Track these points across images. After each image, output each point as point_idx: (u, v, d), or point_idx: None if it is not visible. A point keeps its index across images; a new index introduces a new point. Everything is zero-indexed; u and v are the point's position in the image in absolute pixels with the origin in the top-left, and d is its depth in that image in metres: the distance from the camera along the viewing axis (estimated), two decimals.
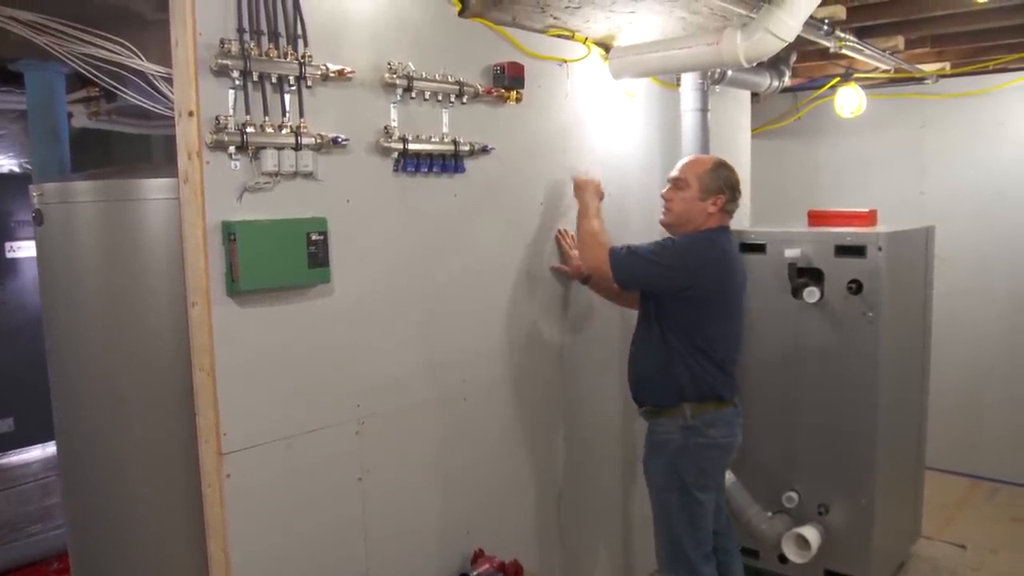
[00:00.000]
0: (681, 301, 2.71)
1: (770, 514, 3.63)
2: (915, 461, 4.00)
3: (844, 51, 3.62)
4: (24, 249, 3.68)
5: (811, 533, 3.51)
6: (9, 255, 3.68)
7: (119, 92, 2.69)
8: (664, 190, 2.84)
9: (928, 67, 4.71)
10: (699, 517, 2.80)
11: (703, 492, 2.79)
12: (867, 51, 3.80)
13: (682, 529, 2.79)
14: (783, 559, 3.61)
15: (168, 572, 2.30)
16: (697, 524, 2.80)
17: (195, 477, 2.18)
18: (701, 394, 2.74)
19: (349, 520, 2.46)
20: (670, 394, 2.76)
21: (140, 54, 2.48)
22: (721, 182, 2.74)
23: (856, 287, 3.38)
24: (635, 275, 2.73)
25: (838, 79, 4.77)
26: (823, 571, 3.61)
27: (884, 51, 3.95)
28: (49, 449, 3.65)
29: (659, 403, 2.80)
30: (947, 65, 4.70)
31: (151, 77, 2.54)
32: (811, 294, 3.44)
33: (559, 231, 3.13)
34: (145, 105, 2.70)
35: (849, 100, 4.78)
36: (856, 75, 4.72)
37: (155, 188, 2.17)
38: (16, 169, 3.82)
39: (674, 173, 2.82)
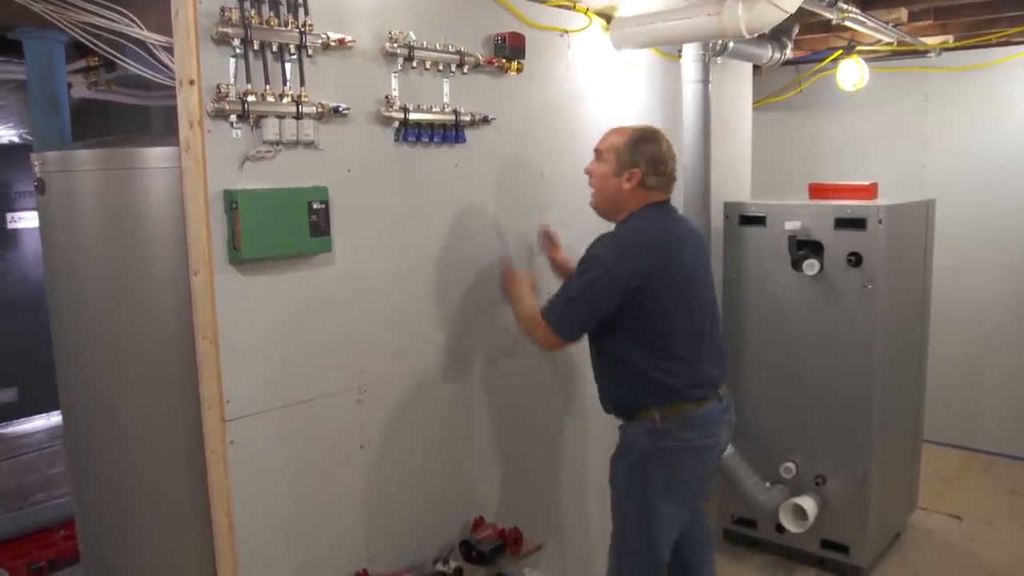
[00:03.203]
0: (626, 306, 2.40)
1: (768, 484, 3.67)
2: (912, 433, 4.03)
3: (847, 23, 3.61)
4: (25, 220, 3.68)
5: (808, 503, 3.55)
6: (11, 226, 3.68)
7: (119, 61, 2.68)
8: (588, 164, 2.58)
9: (931, 40, 4.68)
10: (656, 530, 2.50)
11: (670, 502, 2.48)
12: (870, 23, 3.79)
13: (635, 540, 2.52)
14: (780, 529, 3.66)
15: (172, 538, 2.33)
16: (654, 535, 2.50)
17: (198, 444, 2.20)
18: (669, 399, 2.45)
19: (351, 487, 2.49)
20: (635, 402, 2.50)
21: (139, 23, 2.47)
22: (638, 156, 2.44)
23: (856, 259, 3.39)
24: (583, 319, 2.42)
25: (840, 52, 4.75)
26: (819, 541, 3.66)
27: (887, 23, 3.94)
28: (53, 418, 3.68)
29: (625, 411, 2.56)
30: (950, 38, 4.68)
31: (151, 46, 2.53)
32: (811, 266, 3.45)
33: (541, 229, 2.93)
34: (145, 74, 2.69)
35: (851, 73, 4.77)
36: (859, 48, 4.69)
37: (157, 157, 2.17)
38: (16, 140, 3.82)
39: (597, 144, 2.55)
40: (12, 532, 3.71)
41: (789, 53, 4.19)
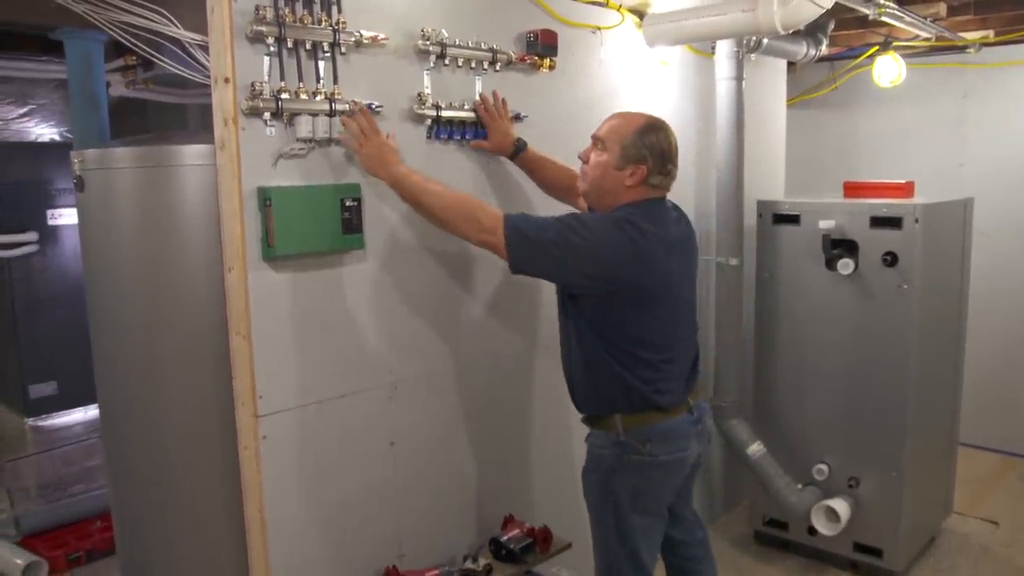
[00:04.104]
0: (598, 296, 2.25)
1: (800, 486, 3.63)
2: (948, 436, 3.97)
3: (884, 18, 3.56)
4: (65, 217, 3.75)
5: (841, 506, 3.50)
6: (51, 222, 3.76)
7: (156, 60, 2.73)
8: (583, 150, 2.37)
9: (971, 35, 4.60)
10: (636, 543, 2.38)
11: (642, 516, 2.37)
12: (907, 18, 3.73)
13: (619, 555, 2.40)
14: (812, 531, 3.61)
15: (205, 533, 2.36)
16: (634, 549, 2.38)
17: (232, 439, 2.23)
18: (634, 404, 2.29)
19: (381, 483, 2.50)
20: (600, 403, 2.35)
21: (176, 22, 2.51)
22: (646, 149, 2.23)
23: (891, 259, 3.33)
24: (536, 260, 2.20)
25: (877, 48, 4.68)
26: (852, 544, 3.61)
27: (925, 18, 3.88)
28: (91, 412, 3.74)
29: (591, 412, 2.41)
30: (991, 33, 4.59)
31: (187, 45, 2.57)
32: (845, 266, 3.41)
33: (480, 96, 2.63)
34: (181, 73, 2.73)
35: (888, 69, 4.70)
36: (895, 43, 4.63)
37: (192, 154, 2.20)
38: (56, 138, 3.89)
39: (597, 130, 2.33)
40: (51, 523, 3.79)
41: (824, 49, 4.14)
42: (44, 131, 3.87)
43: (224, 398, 2.22)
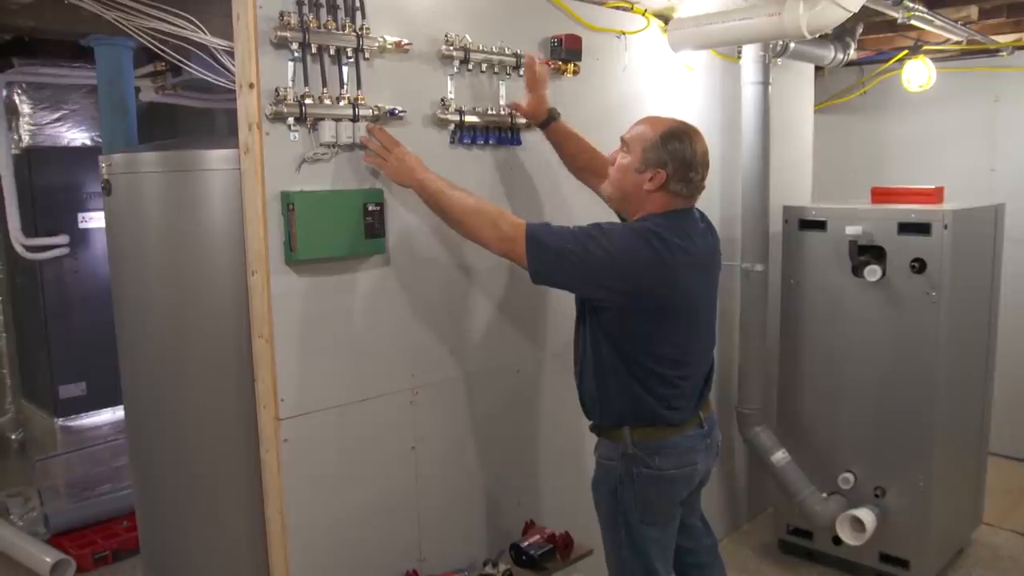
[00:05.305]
0: (619, 307, 2.20)
1: (825, 495, 3.58)
2: (977, 445, 3.90)
3: (913, 22, 3.50)
4: (95, 220, 3.81)
5: (866, 515, 3.45)
6: (82, 225, 3.82)
7: (184, 65, 2.76)
8: (611, 152, 2.35)
9: (1003, 38, 4.52)
10: (649, 554, 2.34)
11: (652, 527, 2.33)
12: (938, 22, 3.68)
13: (632, 566, 2.36)
14: (837, 541, 3.57)
15: (227, 533, 2.38)
16: (647, 559, 2.34)
17: (253, 442, 2.24)
18: (644, 418, 2.25)
19: (402, 488, 2.51)
20: (609, 414, 2.31)
21: (203, 28, 2.54)
22: (667, 155, 2.16)
23: (919, 266, 3.29)
24: (556, 266, 2.15)
25: (906, 52, 4.62)
26: (878, 555, 3.56)
27: (956, 22, 3.82)
28: (119, 412, 3.79)
29: (600, 421, 2.37)
30: None
31: (214, 51, 2.60)
32: (872, 272, 3.37)
33: (533, 55, 2.55)
34: (208, 78, 2.77)
35: (918, 73, 4.63)
36: (925, 47, 4.56)
37: (217, 159, 2.22)
38: (88, 142, 3.96)
39: (625, 132, 2.29)
40: (79, 521, 3.85)
41: (853, 53, 4.09)
42: (76, 136, 3.93)
43: (246, 401, 2.24)
